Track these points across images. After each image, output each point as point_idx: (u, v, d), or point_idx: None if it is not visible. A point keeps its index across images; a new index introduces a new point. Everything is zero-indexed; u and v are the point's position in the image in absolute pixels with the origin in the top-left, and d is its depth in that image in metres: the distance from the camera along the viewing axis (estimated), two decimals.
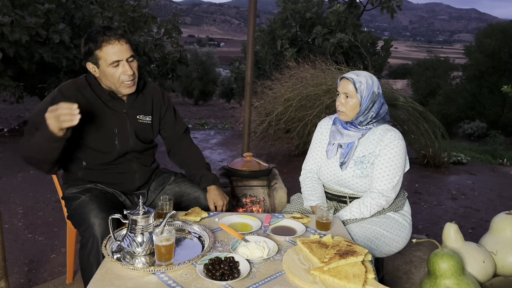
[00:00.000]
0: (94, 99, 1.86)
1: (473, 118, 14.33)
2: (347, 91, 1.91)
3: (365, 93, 1.90)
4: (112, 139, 1.89)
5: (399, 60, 56.62)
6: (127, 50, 1.79)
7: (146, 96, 2.01)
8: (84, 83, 1.87)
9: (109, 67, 1.77)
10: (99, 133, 1.86)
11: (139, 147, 1.98)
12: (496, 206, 4.24)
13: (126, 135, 1.92)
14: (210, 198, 2.01)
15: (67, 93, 1.80)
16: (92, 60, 1.80)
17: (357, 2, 8.20)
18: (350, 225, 1.89)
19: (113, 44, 1.75)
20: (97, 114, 1.85)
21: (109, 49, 1.75)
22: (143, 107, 1.99)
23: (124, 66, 1.78)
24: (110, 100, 1.88)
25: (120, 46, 1.77)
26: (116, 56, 1.76)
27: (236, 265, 1.34)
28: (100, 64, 1.79)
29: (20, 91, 6.35)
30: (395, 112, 5.27)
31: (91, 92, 1.86)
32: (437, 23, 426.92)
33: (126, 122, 1.92)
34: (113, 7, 6.81)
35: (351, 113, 1.93)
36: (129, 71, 1.79)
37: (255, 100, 5.33)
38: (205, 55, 20.24)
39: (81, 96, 1.83)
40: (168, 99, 2.12)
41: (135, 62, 1.84)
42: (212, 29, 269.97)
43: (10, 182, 4.35)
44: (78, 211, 1.77)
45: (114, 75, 1.78)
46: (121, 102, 1.91)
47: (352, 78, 1.90)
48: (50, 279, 2.43)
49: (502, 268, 2.04)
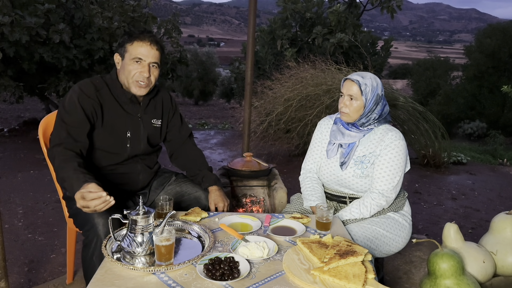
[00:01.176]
0: (111, 100, 1.87)
1: (473, 118, 14.32)
2: (352, 93, 1.89)
3: (370, 95, 1.89)
4: (124, 142, 1.90)
5: (399, 60, 56.61)
6: (155, 56, 1.83)
7: (157, 101, 2.04)
8: (102, 83, 1.88)
9: (130, 61, 1.81)
10: (112, 135, 1.87)
11: (148, 151, 2.00)
12: (496, 206, 4.24)
13: (139, 139, 1.94)
14: (211, 199, 2.01)
15: (87, 92, 1.82)
16: (120, 51, 1.85)
17: (357, 2, 8.20)
18: (350, 225, 1.89)
19: (144, 43, 1.81)
20: (112, 116, 1.86)
21: (138, 45, 1.81)
22: (155, 111, 2.02)
23: (144, 67, 1.81)
24: (127, 103, 1.89)
25: (150, 48, 1.81)
26: (141, 54, 1.80)
27: (236, 265, 1.34)
28: (125, 57, 1.83)
29: (20, 91, 6.34)
30: (395, 112, 5.27)
31: (109, 93, 1.87)
32: (437, 23, 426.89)
33: (140, 126, 1.94)
34: (113, 7, 6.80)
35: (355, 115, 1.92)
36: (146, 73, 1.81)
37: (255, 100, 5.33)
38: (205, 55, 20.21)
39: (100, 96, 1.84)
40: (175, 104, 2.15)
41: (157, 70, 1.87)
42: (212, 29, 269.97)
43: (10, 182, 4.35)
44: (81, 211, 1.77)
45: (131, 71, 1.81)
46: (136, 106, 1.93)
47: (358, 80, 1.88)
48: (50, 279, 2.43)
49: (502, 268, 2.04)
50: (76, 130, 1.75)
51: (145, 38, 1.81)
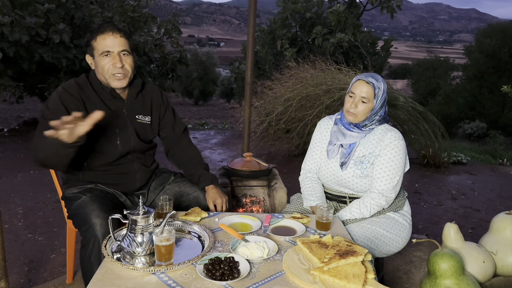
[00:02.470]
0: (95, 98, 1.85)
1: (473, 118, 14.32)
2: (366, 95, 1.86)
3: (380, 99, 1.88)
4: (114, 140, 1.88)
5: (399, 60, 56.59)
6: (121, 43, 1.80)
7: (145, 97, 2.01)
8: (85, 81, 1.87)
9: (100, 57, 1.79)
10: (99, 132, 1.85)
11: (140, 147, 1.98)
12: (496, 206, 4.24)
13: (128, 135, 1.92)
14: (209, 197, 2.00)
15: (70, 91, 1.81)
16: (89, 51, 1.84)
17: (357, 2, 8.21)
18: (350, 225, 1.89)
19: (106, 35, 1.78)
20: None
21: (102, 39, 1.78)
22: (142, 107, 1.99)
23: (114, 58, 1.79)
24: (110, 99, 1.88)
25: (114, 38, 1.78)
26: (107, 47, 1.78)
27: (236, 265, 1.34)
28: (94, 55, 1.82)
29: (20, 91, 6.34)
30: (395, 112, 5.27)
31: (92, 91, 1.86)
32: (437, 23, 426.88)
33: (127, 122, 1.92)
34: (113, 7, 6.81)
35: (362, 116, 1.91)
36: (118, 63, 1.78)
37: (255, 100, 5.33)
38: (205, 55, 20.23)
39: (83, 94, 1.83)
40: (167, 99, 2.12)
41: (129, 57, 1.83)
42: (212, 29, 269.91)
43: (10, 182, 4.35)
44: (79, 211, 1.77)
45: (104, 66, 1.79)
46: (121, 101, 1.91)
47: (373, 83, 1.86)
48: (50, 279, 2.43)
49: (502, 268, 2.04)
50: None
51: (105, 29, 1.78)
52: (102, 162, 1.89)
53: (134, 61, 1.87)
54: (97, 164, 1.89)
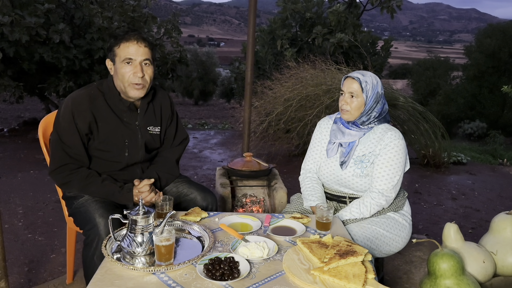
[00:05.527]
0: (107, 111, 1.84)
1: (473, 118, 14.31)
2: (353, 90, 1.90)
3: (370, 93, 1.90)
4: (123, 150, 1.88)
5: (399, 60, 56.60)
6: (145, 52, 1.79)
7: (156, 106, 1.99)
8: (97, 93, 1.85)
9: (121, 64, 1.78)
10: (109, 145, 1.85)
11: (147, 158, 1.98)
12: (496, 206, 4.24)
13: (137, 147, 1.92)
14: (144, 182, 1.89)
15: (80, 107, 1.79)
16: (110, 56, 1.83)
17: (357, 2, 8.20)
18: (350, 225, 1.89)
19: (131, 43, 1.78)
20: (108, 127, 1.84)
21: (126, 46, 1.78)
22: (154, 118, 1.98)
23: (136, 67, 1.78)
24: (125, 111, 1.87)
25: (138, 46, 1.78)
26: (130, 54, 1.77)
27: (236, 265, 1.34)
28: (115, 61, 1.80)
29: (20, 91, 6.33)
30: (395, 112, 5.26)
31: (104, 104, 1.84)
32: (437, 23, 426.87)
33: (138, 134, 1.91)
34: (113, 7, 6.81)
35: (356, 112, 1.92)
36: (139, 73, 1.77)
37: (255, 100, 5.33)
38: (205, 55, 20.22)
39: (94, 108, 1.81)
40: (175, 111, 2.11)
41: (150, 67, 1.83)
42: (212, 29, 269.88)
43: (10, 182, 4.35)
44: (82, 210, 1.76)
45: (125, 74, 1.78)
46: (134, 113, 1.90)
47: (358, 77, 1.90)
48: (50, 279, 2.43)
49: (502, 268, 2.04)
50: (73, 149, 1.79)
51: (130, 37, 1.77)
52: (107, 169, 1.89)
53: (154, 71, 1.87)
54: (101, 170, 1.89)
